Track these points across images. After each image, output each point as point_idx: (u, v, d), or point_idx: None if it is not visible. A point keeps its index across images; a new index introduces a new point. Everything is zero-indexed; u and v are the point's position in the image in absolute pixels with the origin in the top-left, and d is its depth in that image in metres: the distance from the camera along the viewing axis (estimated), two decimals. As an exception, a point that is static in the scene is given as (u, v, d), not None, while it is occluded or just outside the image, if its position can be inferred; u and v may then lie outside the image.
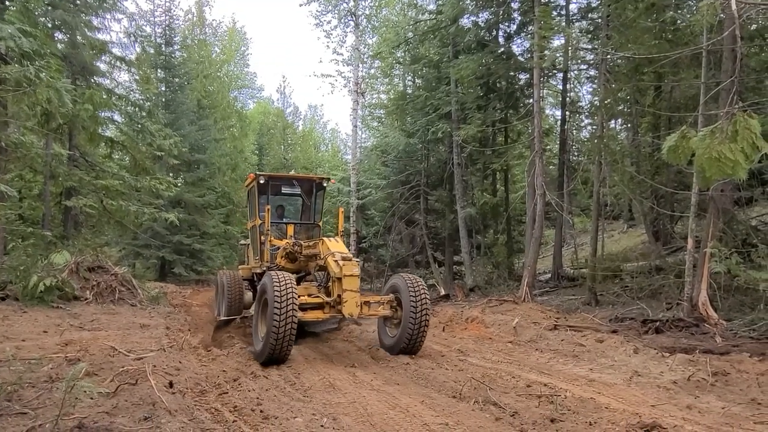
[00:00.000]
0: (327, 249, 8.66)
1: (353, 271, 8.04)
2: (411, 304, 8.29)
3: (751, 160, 5.43)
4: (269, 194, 11.33)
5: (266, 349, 7.42)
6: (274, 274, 7.66)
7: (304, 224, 12.07)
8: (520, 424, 5.04)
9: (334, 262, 8.24)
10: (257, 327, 8.21)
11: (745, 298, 10.96)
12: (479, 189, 23.72)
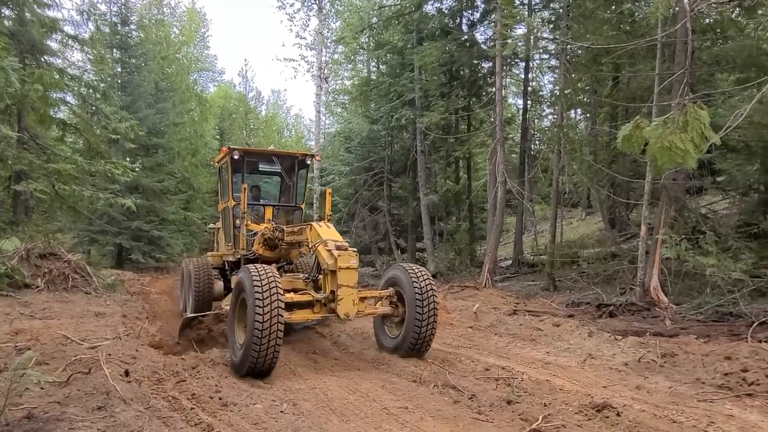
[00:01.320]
0: (317, 236, 7.39)
1: (350, 263, 6.78)
2: (416, 298, 7.15)
3: (700, 150, 5.63)
4: (244, 172, 9.98)
5: (247, 359, 6.02)
6: (253, 268, 6.34)
7: (284, 207, 10.69)
8: (477, 406, 5.14)
9: (326, 252, 6.98)
10: (234, 332, 6.70)
11: (693, 283, 11.44)
12: (442, 176, 23.90)
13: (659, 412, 5.02)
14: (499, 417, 4.83)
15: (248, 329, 6.02)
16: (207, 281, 10.15)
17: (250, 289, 6.12)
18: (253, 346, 5.91)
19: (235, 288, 6.81)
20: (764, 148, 12.00)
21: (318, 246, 7.20)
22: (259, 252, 8.96)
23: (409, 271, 7.45)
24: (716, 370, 6.31)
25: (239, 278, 6.61)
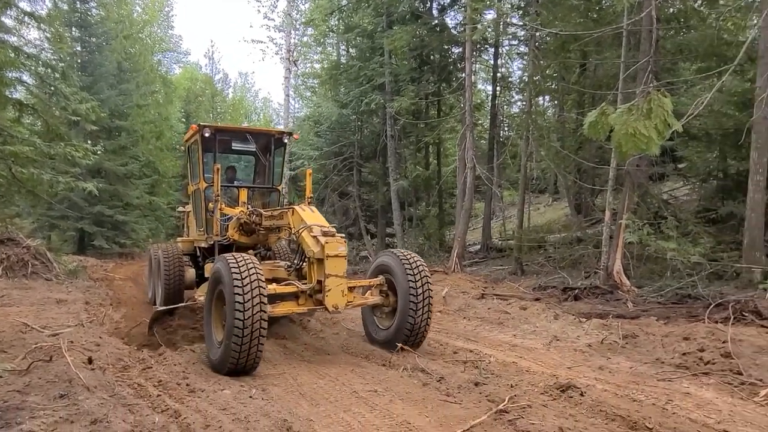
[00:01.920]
0: (300, 221, 6.77)
1: (339, 251, 6.20)
2: (410, 286, 6.64)
3: (663, 137, 5.77)
4: (217, 151, 9.26)
5: (227, 358, 5.48)
6: (231, 258, 5.80)
7: (260, 188, 9.99)
8: (446, 388, 5.21)
9: (312, 239, 6.37)
10: (211, 328, 6.13)
11: (654, 267, 11.79)
12: (412, 162, 23.94)
13: (620, 391, 5.18)
14: (467, 398, 4.90)
15: (227, 325, 5.46)
16: (177, 269, 9.56)
17: (229, 281, 5.52)
18: (233, 344, 5.35)
19: (211, 279, 6.20)
20: (723, 136, 12.38)
21: (302, 232, 6.55)
22: (234, 238, 8.43)
23: (401, 257, 6.91)
24: (675, 350, 6.53)
25: (215, 269, 6.00)
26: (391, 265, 6.95)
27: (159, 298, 9.75)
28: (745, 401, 4.94)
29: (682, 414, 4.55)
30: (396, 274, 6.85)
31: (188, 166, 10.38)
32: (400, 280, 6.77)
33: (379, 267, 7.24)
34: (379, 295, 7.12)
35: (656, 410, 4.62)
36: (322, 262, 6.18)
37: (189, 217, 11.00)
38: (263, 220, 7.91)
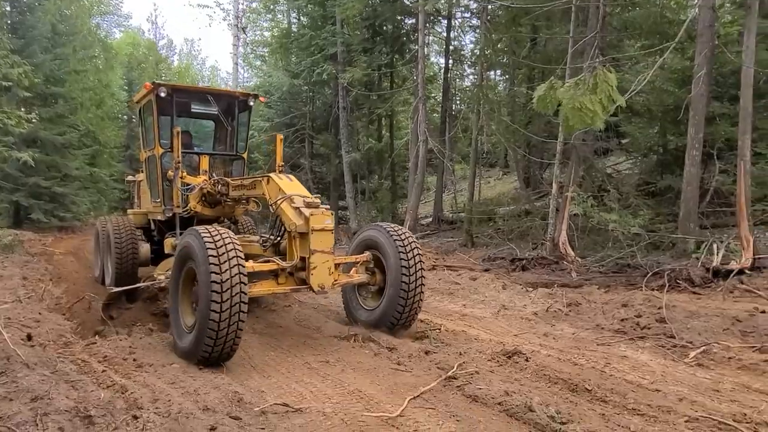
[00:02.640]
0: (278, 191, 6.08)
1: (325, 224, 5.58)
2: (403, 265, 6.12)
3: (608, 112, 5.95)
4: (174, 113, 8.33)
5: (200, 346, 4.84)
6: (205, 232, 5.12)
7: (223, 156, 9.12)
8: (397, 357, 5.30)
9: (293, 211, 5.73)
10: (178, 311, 5.50)
11: (597, 238, 12.27)
12: (365, 134, 23.80)
13: (563, 356, 5.41)
14: (417, 367, 5.01)
15: (201, 308, 4.81)
16: (130, 244, 8.67)
17: (203, 258, 4.85)
18: (208, 329, 4.71)
19: (178, 256, 5.48)
20: (664, 112, 12.88)
21: (281, 203, 5.87)
22: (196, 209, 7.72)
23: (390, 232, 6.35)
24: (614, 317, 6.86)
25: (184, 243, 5.31)
26: (380, 240, 6.38)
27: (109, 276, 8.95)
28: (676, 362, 5.26)
29: (618, 376, 4.80)
30: (385, 251, 6.30)
31: (141, 131, 9.35)
32: (390, 258, 6.22)
33: (365, 242, 6.64)
34: (365, 272, 6.56)
35: (595, 373, 4.86)
36: (305, 237, 5.55)
37: (141, 187, 10.04)
38: (230, 190, 7.28)
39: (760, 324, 6.09)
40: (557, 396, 4.25)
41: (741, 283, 8.18)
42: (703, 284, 8.48)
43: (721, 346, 5.54)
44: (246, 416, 3.76)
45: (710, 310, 6.85)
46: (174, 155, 7.81)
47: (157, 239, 8.99)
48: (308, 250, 5.52)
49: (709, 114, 11.28)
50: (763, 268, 8.57)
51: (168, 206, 8.30)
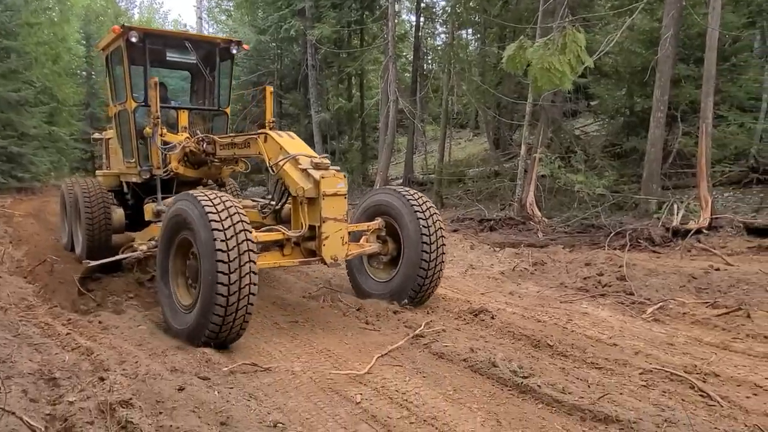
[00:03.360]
0: (278, 150, 5.38)
1: (338, 188, 5.01)
2: (423, 233, 5.55)
3: (576, 72, 5.93)
4: (147, 63, 7.40)
5: (205, 327, 4.28)
6: (203, 197, 4.48)
7: (203, 111, 8.27)
8: (365, 317, 5.37)
9: (300, 173, 5.09)
10: (170, 288, 4.89)
11: (564, 199, 12.50)
12: (334, 93, 23.41)
13: (527, 313, 5.57)
14: (385, 326, 5.09)
15: (204, 286, 4.23)
16: (102, 209, 7.89)
17: (204, 228, 4.25)
18: (215, 309, 4.15)
19: (169, 225, 4.82)
20: (631, 74, 12.98)
21: (285, 164, 5.19)
22: (178, 170, 7.01)
23: (407, 197, 5.75)
24: (577, 275, 7.06)
25: (177, 211, 4.66)
26: (394, 206, 5.78)
27: (80, 245, 8.23)
28: (634, 318, 5.47)
29: (579, 331, 4.97)
30: (401, 219, 5.70)
31: (108, 82, 8.35)
32: (407, 226, 5.64)
33: (376, 207, 6.01)
34: (376, 241, 5.96)
35: (557, 329, 5.02)
36: (314, 203, 4.95)
37: (110, 145, 9.08)
38: (218, 149, 6.52)
39: (713, 281, 6.35)
40: (520, 352, 4.39)
41: (698, 242, 8.48)
42: (663, 243, 8.77)
43: (676, 302, 5.77)
44: (215, 376, 3.79)
45: (668, 268, 7.11)
46: (152, 110, 6.93)
47: (131, 203, 8.28)
48: (319, 217, 4.90)
49: (675, 76, 11.43)
50: (720, 227, 8.89)
51: (144, 167, 7.49)
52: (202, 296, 4.27)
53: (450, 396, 3.62)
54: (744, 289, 5.99)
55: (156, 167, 7.12)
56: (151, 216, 7.00)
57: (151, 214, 7.00)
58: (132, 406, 3.07)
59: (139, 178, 7.62)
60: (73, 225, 8.58)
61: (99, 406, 3.08)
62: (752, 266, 7.06)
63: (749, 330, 4.90)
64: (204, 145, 6.67)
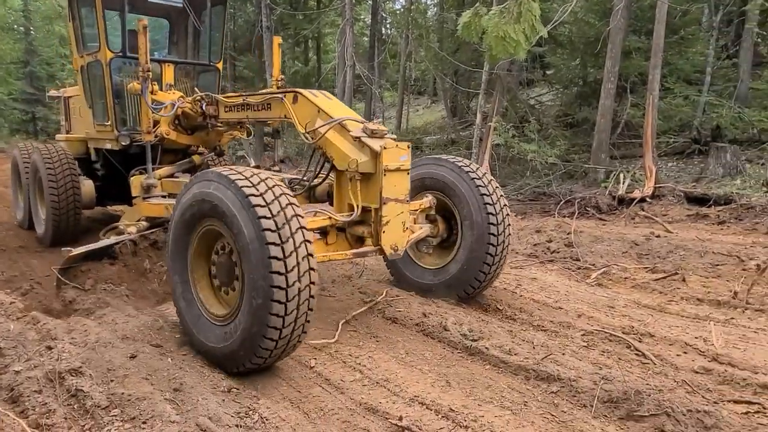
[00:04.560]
0: (315, 113, 4.32)
1: (401, 162, 4.07)
2: (489, 212, 4.65)
3: (531, 42, 6.02)
4: (125, 6, 6.42)
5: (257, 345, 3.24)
6: (239, 177, 3.37)
7: (191, 66, 7.27)
8: (320, 283, 5.39)
9: (350, 143, 4.08)
10: (192, 292, 3.74)
11: (517, 167, 12.76)
12: (290, 57, 22.84)
13: (479, 279, 5.74)
14: (341, 291, 5.15)
15: (252, 291, 3.18)
16: (69, 181, 6.70)
17: (247, 217, 3.19)
18: (270, 320, 3.14)
19: (187, 213, 3.64)
20: (585, 44, 13.17)
21: (328, 131, 4.15)
22: (169, 136, 6.04)
23: (468, 171, 4.80)
24: (528, 242, 7.29)
25: (202, 195, 3.47)
26: (449, 181, 4.83)
27: (42, 224, 7.11)
28: (579, 283, 5.72)
29: (527, 296, 5.17)
30: (458, 195, 4.79)
31: (71, 28, 7.22)
32: (468, 205, 4.73)
33: (423, 181, 4.97)
34: (425, 221, 4.96)
35: (507, 294, 5.21)
36: (371, 180, 4.01)
37: (71, 105, 7.95)
38: (222, 110, 5.42)
39: (653, 247, 6.68)
40: (471, 316, 4.54)
41: (642, 210, 8.85)
42: (609, 211, 9.13)
43: (619, 268, 6.06)
44: (168, 344, 3.77)
45: (613, 235, 7.42)
46: (141, 61, 5.71)
47: (102, 174, 7.20)
48: (378, 197, 3.97)
49: (626, 48, 11.69)
50: (662, 196, 9.30)
51: (123, 131, 6.45)
52: (249, 305, 3.20)
53: (402, 359, 3.73)
54: (681, 255, 6.33)
55: (146, 132, 5.95)
56: (139, 191, 5.91)
57: (140, 189, 5.89)
58: (82, 375, 3.04)
59: (116, 145, 6.53)
60: (32, 200, 7.44)
61: (47, 374, 3.04)
62: (689, 233, 7.46)
63: (683, 293, 5.21)
64: (203, 105, 5.56)
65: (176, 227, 3.77)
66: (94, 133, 7.11)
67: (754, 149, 11.03)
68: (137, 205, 5.94)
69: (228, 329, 3.40)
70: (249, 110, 5.06)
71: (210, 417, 2.75)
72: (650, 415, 2.93)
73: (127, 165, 6.55)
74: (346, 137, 4.10)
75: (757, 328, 4.34)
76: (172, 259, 3.82)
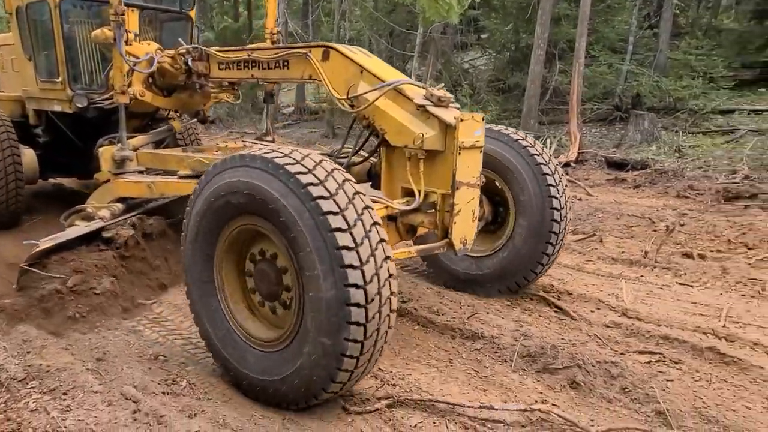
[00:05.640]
0: (352, 72, 3.52)
1: (476, 137, 3.33)
2: (552, 195, 4.05)
3: (463, 6, 6.05)
4: None
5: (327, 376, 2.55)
6: (288, 159, 2.60)
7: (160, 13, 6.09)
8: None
9: (409, 113, 3.33)
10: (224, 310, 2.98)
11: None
12: (219, 11, 21.82)
13: (410, 242, 5.85)
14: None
15: (318, 310, 2.46)
16: (8, 149, 5.49)
17: (309, 215, 2.45)
18: (344, 347, 2.45)
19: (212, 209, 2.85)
20: (518, 9, 13.36)
21: (378, 98, 3.33)
22: (143, 98, 4.96)
23: (524, 144, 4.17)
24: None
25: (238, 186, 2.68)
26: (505, 157, 4.17)
27: None
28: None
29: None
30: (512, 173, 4.14)
31: None
32: (527, 187, 4.09)
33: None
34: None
35: (437, 256, 5.35)
36: (439, 159, 3.29)
37: (2, 55, 6.68)
38: (214, 68, 4.49)
39: (576, 210, 7.03)
40: (402, 279, 4.64)
41: (566, 174, 9.23)
42: (536, 175, 9.46)
43: (543, 230, 6.34)
44: (89, 313, 3.64)
45: (539, 198, 7.72)
46: (113, 2, 4.53)
47: (44, 142, 6.03)
48: (450, 182, 3.25)
49: (556, 14, 11.95)
50: (585, 161, 9.75)
51: (79, 90, 5.37)
52: (317, 327, 2.48)
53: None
54: (599, 217, 6.71)
55: (120, 91, 4.72)
56: (110, 165, 4.75)
57: (112, 163, 4.76)
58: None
59: (69, 107, 5.39)
60: None
61: (-45, 350, 2.88)
62: (608, 197, 7.89)
63: (600, 253, 5.55)
64: (189, 60, 4.55)
65: (195, 224, 2.93)
66: (35, 91, 5.86)
67: (670, 117, 11.70)
68: (111, 183, 4.76)
69: (279, 357, 2.70)
70: (255, 68, 4.14)
71: (135, 385, 2.70)
72: (564, 367, 3.15)
73: (78, 132, 5.73)
74: (404, 106, 3.33)
75: (662, 285, 4.71)
76: (191, 267, 3.00)
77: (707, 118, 11.22)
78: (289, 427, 2.54)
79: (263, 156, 2.63)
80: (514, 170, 4.12)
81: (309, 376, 2.56)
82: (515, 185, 4.14)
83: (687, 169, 8.94)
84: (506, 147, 4.18)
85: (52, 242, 3.81)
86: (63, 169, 6.17)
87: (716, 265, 5.10)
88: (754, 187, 7.45)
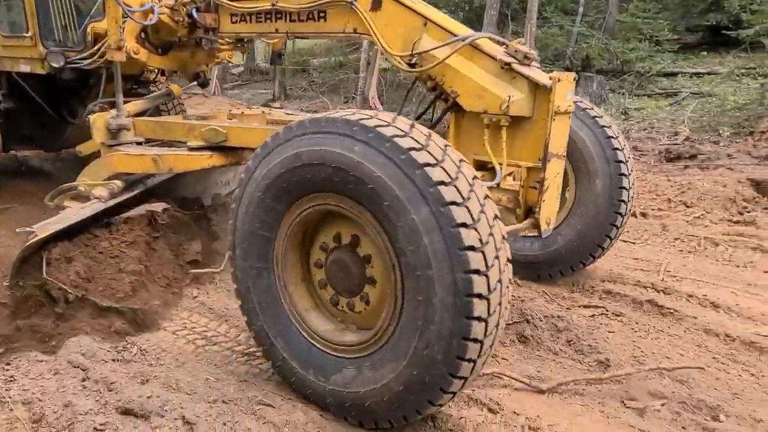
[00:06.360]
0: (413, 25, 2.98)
1: (568, 102, 2.78)
2: (622, 173, 3.69)
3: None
4: None
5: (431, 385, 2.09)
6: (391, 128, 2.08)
7: None
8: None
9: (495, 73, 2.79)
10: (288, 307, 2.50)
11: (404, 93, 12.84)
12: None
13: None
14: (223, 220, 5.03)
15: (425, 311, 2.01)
16: None
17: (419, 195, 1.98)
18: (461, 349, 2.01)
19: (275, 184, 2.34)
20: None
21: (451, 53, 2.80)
22: (137, 54, 4.19)
23: (592, 114, 3.79)
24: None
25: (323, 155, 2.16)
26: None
27: None
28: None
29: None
30: (581, 146, 3.74)
31: None
32: (592, 159, 3.73)
33: None
34: None
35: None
36: (520, 126, 2.79)
37: None
38: (225, 21, 3.85)
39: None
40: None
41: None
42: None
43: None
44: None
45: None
46: None
47: (6, 109, 5.19)
48: (541, 153, 2.75)
49: (509, -25, 11.90)
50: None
51: (52, 47, 4.58)
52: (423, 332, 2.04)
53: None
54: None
55: (115, 47, 3.82)
56: (104, 136, 3.97)
57: (106, 133, 3.97)
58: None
59: (42, 67, 4.61)
60: None
61: None
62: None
63: (549, 213, 5.70)
64: (194, 13, 3.83)
65: (247, 206, 2.43)
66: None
67: (617, 79, 11.97)
68: (106, 156, 3.96)
69: (365, 363, 2.26)
70: (281, 20, 3.53)
71: (83, 353, 2.65)
72: (513, 322, 3.27)
73: (49, 97, 5.04)
74: (484, 64, 2.81)
75: (607, 242, 4.90)
76: (239, 257, 2.52)
77: (652, 81, 11.53)
78: (245, 388, 2.54)
79: (360, 122, 2.10)
80: (579, 141, 3.71)
81: (409, 385, 2.10)
82: (580, 157, 3.75)
83: (632, 130, 9.22)
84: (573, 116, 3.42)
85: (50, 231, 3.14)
86: (28, 141, 5.47)
87: (657, 222, 5.35)
88: (693, 148, 7.79)
